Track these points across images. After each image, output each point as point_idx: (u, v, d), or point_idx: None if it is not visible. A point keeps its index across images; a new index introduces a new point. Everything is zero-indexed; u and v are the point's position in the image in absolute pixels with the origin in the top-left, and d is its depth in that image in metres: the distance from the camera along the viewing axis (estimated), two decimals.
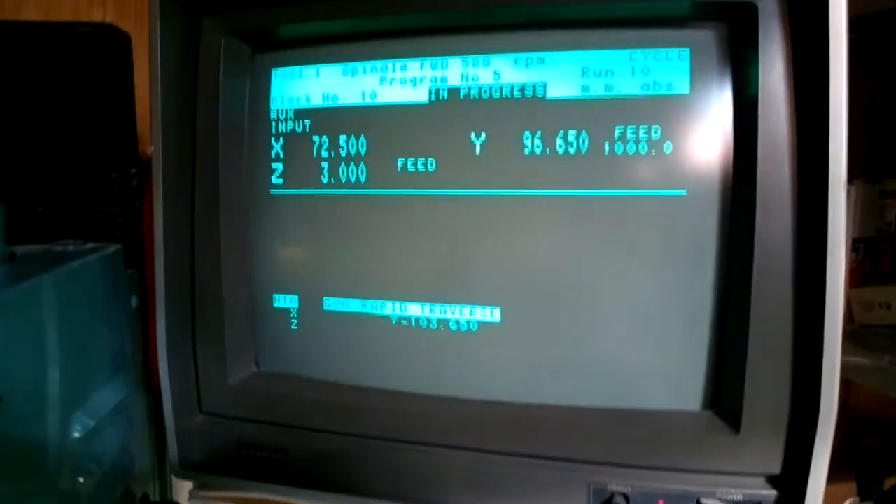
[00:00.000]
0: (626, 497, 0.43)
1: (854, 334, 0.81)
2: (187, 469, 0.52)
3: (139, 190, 0.56)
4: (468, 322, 0.46)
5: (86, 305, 0.47)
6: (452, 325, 0.46)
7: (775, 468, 0.41)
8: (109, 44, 0.52)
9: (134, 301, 0.55)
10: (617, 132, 0.43)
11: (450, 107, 0.45)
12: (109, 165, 0.52)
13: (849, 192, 0.37)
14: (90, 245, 0.50)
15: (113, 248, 0.51)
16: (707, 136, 0.42)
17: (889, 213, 0.91)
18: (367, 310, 0.48)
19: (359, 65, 0.47)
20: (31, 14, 0.96)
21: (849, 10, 0.36)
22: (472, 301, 0.46)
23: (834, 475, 0.39)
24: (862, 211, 0.88)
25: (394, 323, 0.48)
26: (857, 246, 0.89)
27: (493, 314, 0.46)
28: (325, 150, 0.48)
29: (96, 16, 0.97)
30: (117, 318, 0.52)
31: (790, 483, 0.41)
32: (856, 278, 0.88)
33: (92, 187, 0.53)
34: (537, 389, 0.45)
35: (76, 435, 0.44)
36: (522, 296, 0.45)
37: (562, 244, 0.45)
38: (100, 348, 0.49)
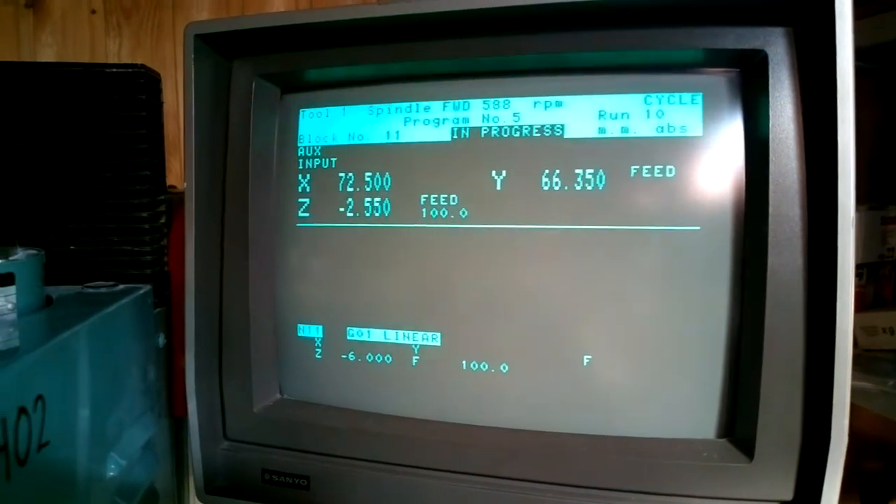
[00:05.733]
0: None
1: (857, 359, 0.81)
2: (211, 494, 0.52)
3: (166, 226, 0.57)
4: None
5: (118, 347, 0.48)
6: None
7: (787, 494, 0.42)
8: (141, 85, 0.53)
9: (161, 339, 0.55)
10: (633, 170, 0.44)
11: (471, 145, 0.47)
12: (140, 205, 0.53)
13: None
14: (121, 287, 0.51)
15: (143, 289, 0.52)
16: (720, 175, 0.43)
17: (891, 238, 0.92)
18: (389, 339, 0.49)
19: (384, 106, 0.49)
20: (50, 44, 0.99)
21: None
22: None
23: (838, 499, 0.40)
24: (864, 237, 0.89)
25: (415, 352, 0.49)
26: (860, 271, 0.90)
27: None
28: (351, 186, 0.50)
29: (112, 47, 0.99)
30: (145, 356, 0.53)
31: None
32: (859, 303, 0.88)
33: (123, 227, 0.54)
34: (557, 419, 0.46)
35: (111, 474, 0.45)
36: (543, 325, 0.46)
37: (580, 277, 0.46)
38: (130, 387, 0.50)
